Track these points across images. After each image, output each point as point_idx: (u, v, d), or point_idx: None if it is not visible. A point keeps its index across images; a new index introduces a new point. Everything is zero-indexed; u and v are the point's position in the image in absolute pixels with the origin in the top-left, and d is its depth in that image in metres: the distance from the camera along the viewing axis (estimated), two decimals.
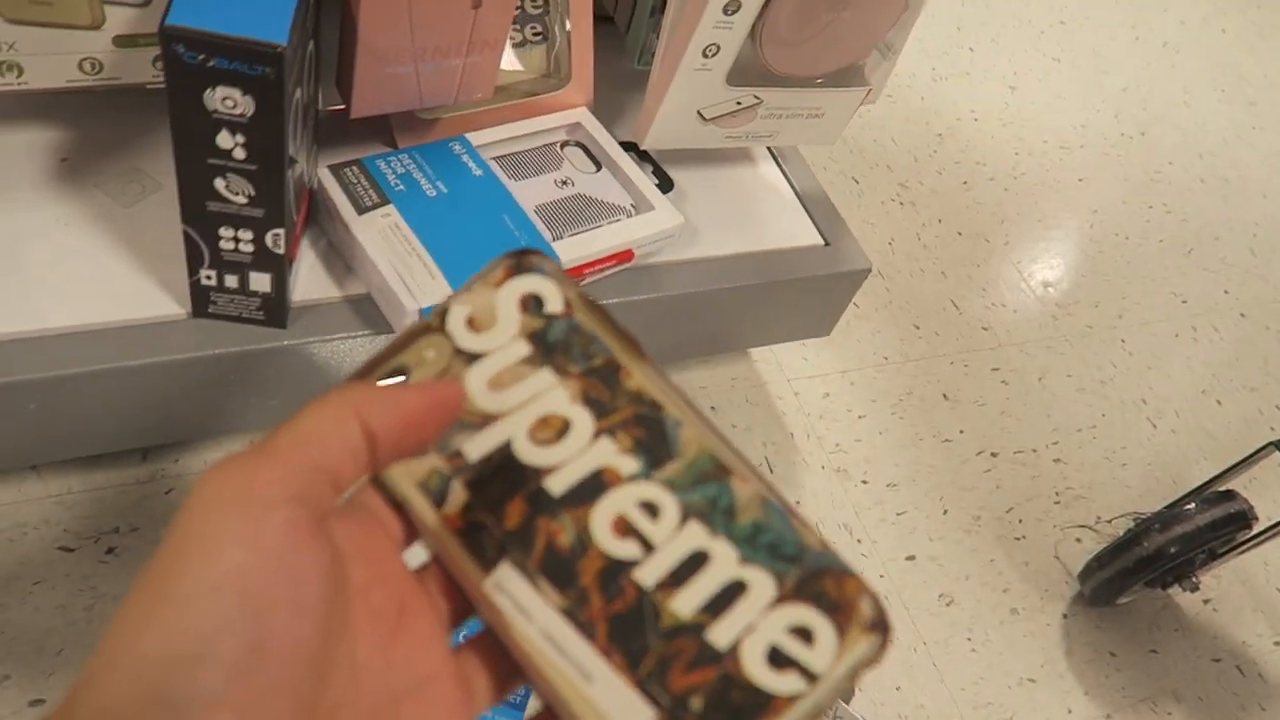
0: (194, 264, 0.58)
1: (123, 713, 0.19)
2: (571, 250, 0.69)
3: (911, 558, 0.96)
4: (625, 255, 0.73)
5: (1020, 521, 1.03)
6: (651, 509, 0.26)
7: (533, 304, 0.28)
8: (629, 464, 0.26)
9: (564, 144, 0.77)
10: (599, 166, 0.77)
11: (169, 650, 0.19)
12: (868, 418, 1.05)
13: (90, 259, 0.62)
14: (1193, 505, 0.90)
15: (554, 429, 0.27)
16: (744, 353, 1.04)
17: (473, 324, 0.28)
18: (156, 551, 0.20)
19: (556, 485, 0.26)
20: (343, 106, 0.66)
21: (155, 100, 0.67)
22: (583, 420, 0.27)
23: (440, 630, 0.26)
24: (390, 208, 0.65)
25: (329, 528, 0.22)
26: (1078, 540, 1.04)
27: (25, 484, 0.71)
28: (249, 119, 0.50)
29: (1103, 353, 1.25)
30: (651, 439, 0.27)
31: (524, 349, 0.28)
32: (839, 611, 0.24)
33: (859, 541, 0.95)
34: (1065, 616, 0.98)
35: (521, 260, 0.29)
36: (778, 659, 0.24)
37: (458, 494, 0.26)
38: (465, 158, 0.70)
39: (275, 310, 0.61)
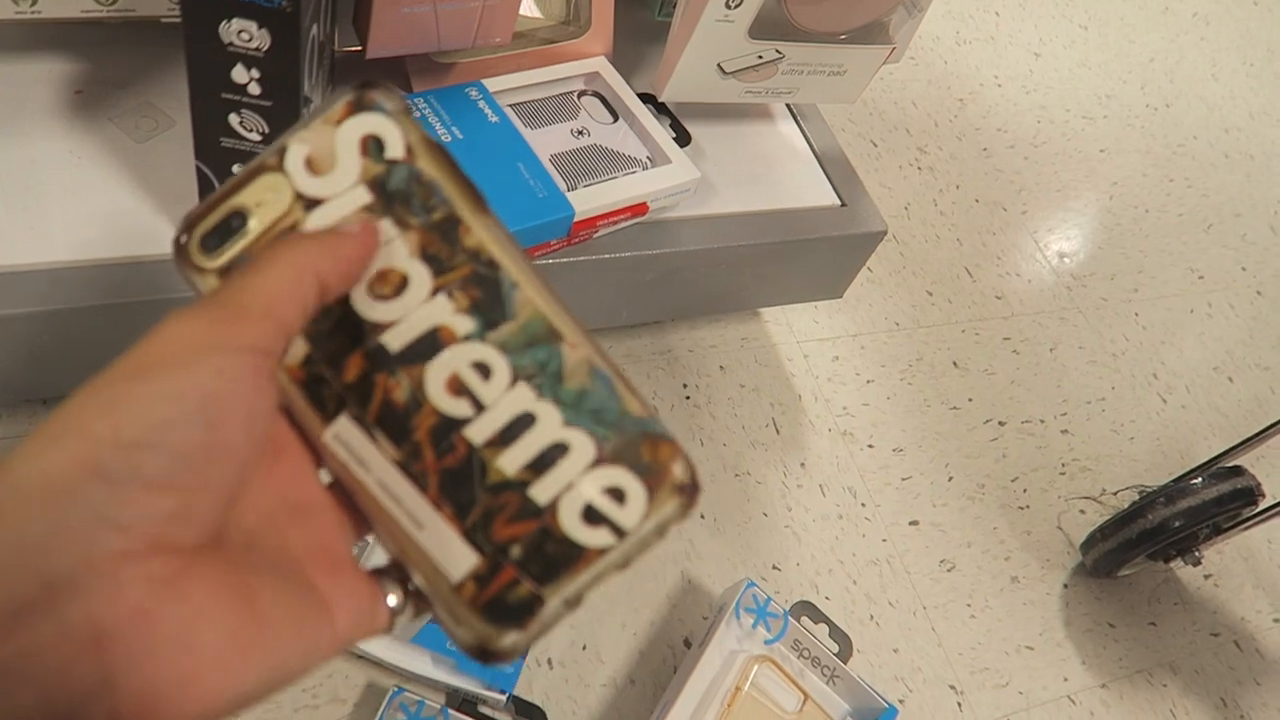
0: None
1: (60, 480, 0.20)
2: (586, 201, 0.68)
3: (915, 523, 0.96)
4: (640, 208, 0.72)
5: (1025, 491, 1.03)
6: (484, 369, 0.27)
7: (373, 146, 0.28)
8: (464, 324, 0.27)
9: (581, 94, 0.76)
10: (616, 117, 0.76)
11: (120, 434, 0.20)
12: (876, 382, 1.05)
13: (103, 193, 0.62)
14: (1199, 479, 0.90)
15: (392, 284, 0.27)
16: (755, 313, 1.03)
17: (312, 165, 0.27)
18: (115, 363, 0.21)
19: (394, 341, 0.27)
20: (358, 47, 0.65)
21: (170, 35, 0.67)
22: (421, 276, 0.27)
23: (312, 469, 0.27)
24: None
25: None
26: (1081, 512, 1.04)
27: (36, 417, 0.72)
28: (264, 53, 0.50)
29: (1116, 326, 1.24)
30: (487, 299, 0.27)
31: (364, 196, 0.27)
32: (651, 474, 0.26)
33: (863, 505, 0.95)
34: (1065, 587, 0.98)
35: (363, 96, 0.28)
36: (591, 516, 0.26)
37: (299, 347, 0.27)
38: (481, 104, 0.69)
39: None
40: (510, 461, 0.26)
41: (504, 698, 0.67)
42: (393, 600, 0.26)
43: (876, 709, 0.78)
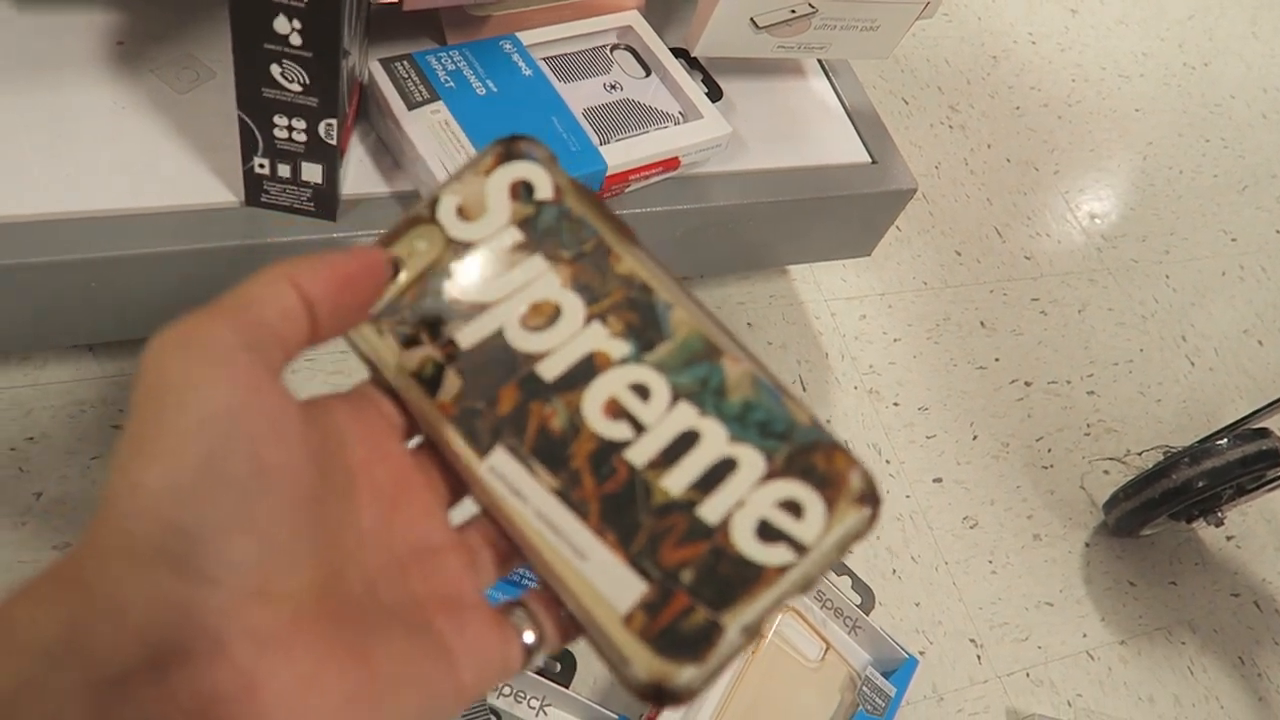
0: (248, 151, 0.59)
1: (141, 538, 0.19)
2: (617, 155, 0.69)
3: (938, 480, 0.97)
4: (671, 163, 0.73)
5: (1049, 451, 1.04)
6: (642, 391, 0.26)
7: (523, 191, 0.28)
8: (620, 347, 0.27)
9: (614, 47, 0.77)
10: (648, 72, 0.76)
11: (172, 481, 0.19)
12: (903, 341, 1.05)
13: (146, 144, 0.63)
14: (1225, 440, 0.90)
15: (545, 315, 0.27)
16: (783, 270, 1.04)
17: (463, 213, 0.28)
18: (132, 406, 0.21)
19: (548, 371, 0.27)
20: (396, 0, 0.65)
21: None
22: (573, 306, 0.27)
23: (439, 507, 0.26)
24: (440, 104, 0.65)
25: (285, 383, 0.23)
26: (1105, 472, 1.05)
27: (82, 363, 0.74)
28: (306, 4, 0.50)
29: (1146, 288, 1.24)
30: (642, 322, 0.27)
31: (515, 236, 0.28)
32: (828, 485, 0.25)
33: (888, 462, 0.96)
34: (1087, 545, 0.99)
35: (511, 147, 0.29)
36: (767, 532, 0.24)
37: (452, 382, 0.27)
38: (515, 57, 0.70)
39: (326, 202, 0.62)
40: (675, 482, 0.25)
41: None
42: (530, 637, 0.25)
43: (897, 659, 0.80)
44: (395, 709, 0.22)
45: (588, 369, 0.26)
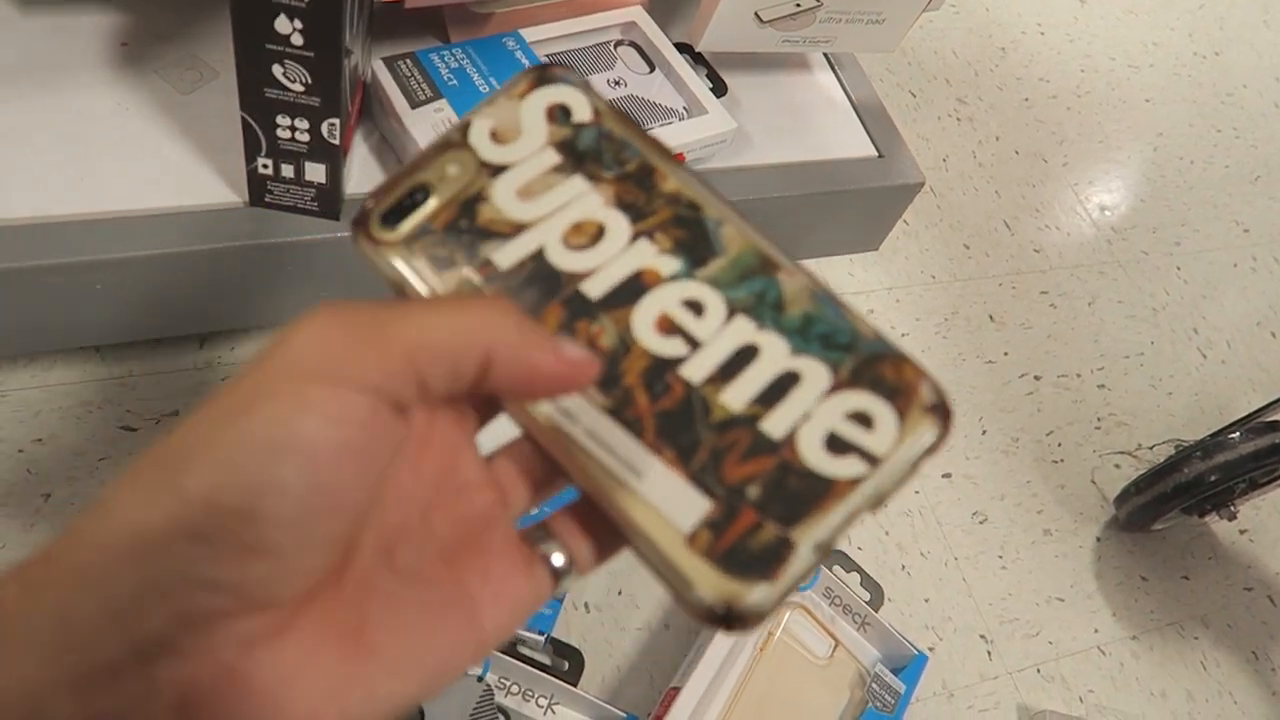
0: (251, 152, 0.59)
1: (151, 539, 0.19)
2: None
3: (948, 475, 0.96)
4: (676, 159, 0.72)
5: (1059, 445, 1.03)
6: (696, 306, 0.25)
7: (559, 114, 0.27)
8: (670, 264, 0.26)
9: (618, 43, 0.76)
10: (652, 68, 0.76)
11: (214, 499, 0.19)
12: (911, 336, 1.05)
13: (149, 145, 0.63)
14: (1237, 434, 0.90)
15: (588, 234, 0.26)
16: None
17: (497, 136, 0.27)
18: (218, 396, 0.20)
19: (594, 289, 0.25)
20: None
21: None
22: (618, 224, 0.26)
23: (467, 439, 0.25)
24: (443, 102, 0.65)
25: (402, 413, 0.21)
26: (1116, 466, 1.04)
27: (89, 364, 0.74)
28: (307, 4, 0.50)
29: (1156, 280, 1.23)
30: (692, 238, 0.26)
31: (553, 157, 0.27)
32: (898, 396, 0.23)
33: None
34: (1098, 540, 0.98)
35: (545, 72, 0.28)
36: (836, 444, 0.23)
37: None
38: (519, 54, 0.70)
39: (329, 201, 0.62)
40: (735, 397, 0.24)
41: (542, 639, 0.69)
42: (559, 560, 0.24)
43: (907, 656, 0.79)
44: (394, 686, 0.21)
45: (636, 286, 0.25)
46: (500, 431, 0.26)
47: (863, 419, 0.23)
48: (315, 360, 0.20)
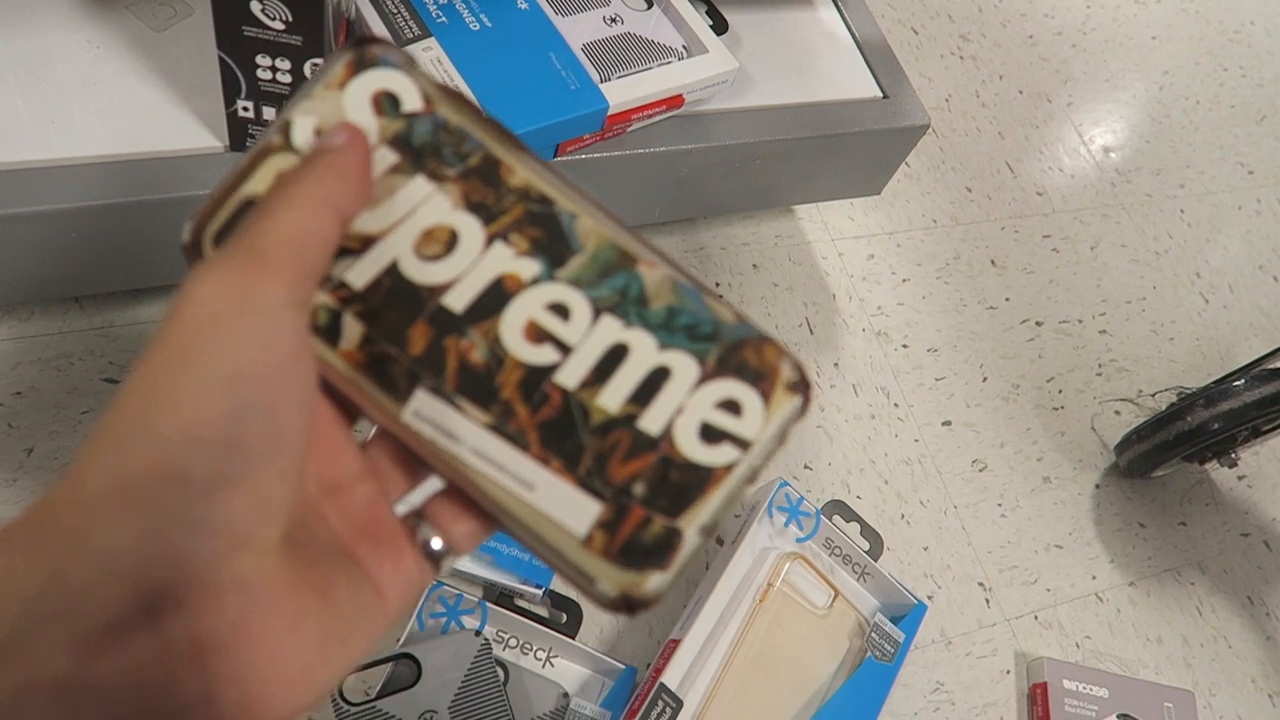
0: (230, 94, 0.56)
1: (137, 486, 0.19)
2: (619, 93, 0.66)
3: (948, 423, 0.95)
4: (675, 101, 0.69)
5: (1060, 392, 1.02)
6: (561, 310, 0.25)
7: (387, 103, 0.26)
8: (529, 267, 0.25)
9: None
10: (650, 4, 0.72)
11: (190, 433, 0.19)
12: (912, 281, 1.03)
13: (124, 86, 0.60)
14: (1241, 381, 0.89)
15: (441, 241, 0.25)
16: (789, 210, 1.01)
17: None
18: (157, 345, 0.20)
19: (457, 301, 0.25)
20: None
21: None
22: (470, 227, 0.25)
23: (345, 434, 0.26)
24: (431, 40, 0.62)
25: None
26: (1116, 413, 1.03)
27: (69, 315, 0.71)
28: None
29: (1160, 223, 1.21)
30: (548, 237, 0.25)
31: (389, 157, 0.25)
32: (762, 379, 0.25)
33: (896, 405, 0.94)
34: (1097, 487, 0.98)
35: (362, 54, 0.26)
36: (710, 434, 0.24)
37: (353, 328, 0.25)
38: None
39: None
40: (611, 398, 0.25)
41: (540, 592, 0.69)
42: (437, 544, 0.25)
43: (906, 605, 0.79)
44: (355, 645, 0.22)
45: (499, 294, 0.25)
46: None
47: (731, 406, 0.25)
48: (231, 301, 0.20)
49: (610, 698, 0.69)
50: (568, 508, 0.24)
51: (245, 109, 0.57)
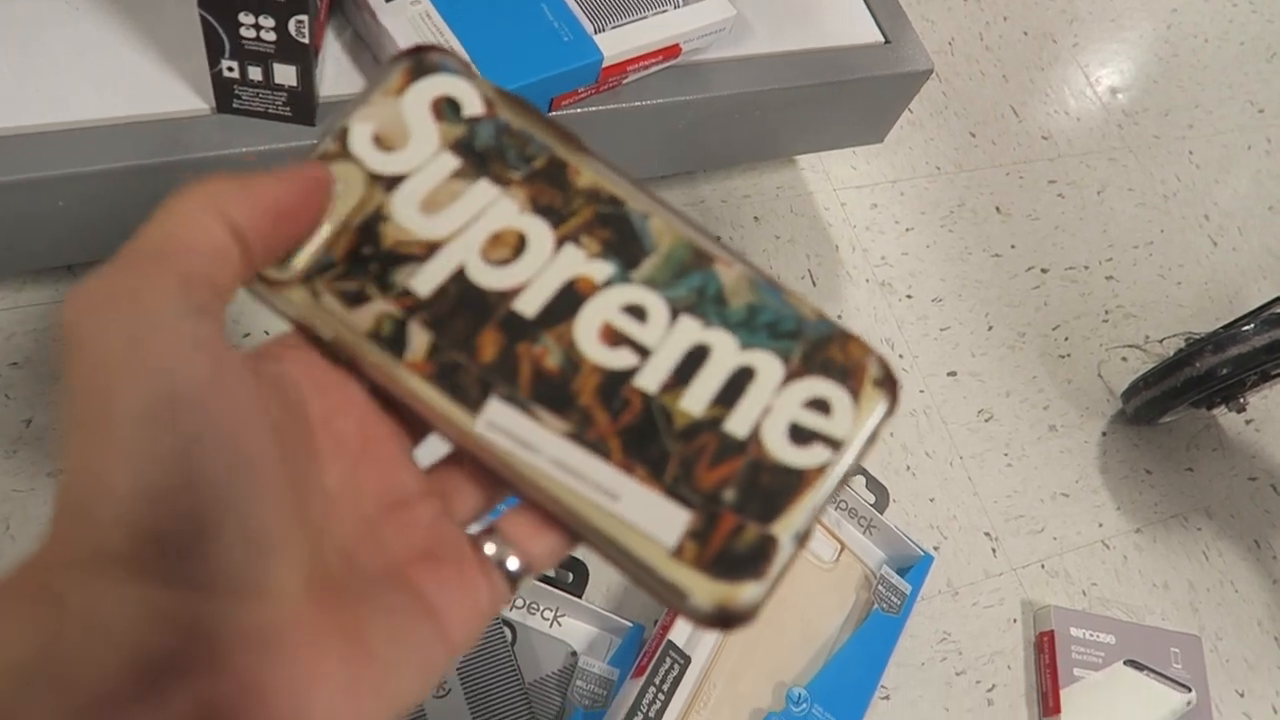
0: (214, 54, 0.54)
1: (115, 549, 0.17)
2: (614, 44, 0.64)
3: (953, 374, 0.95)
4: (672, 50, 0.68)
5: (1066, 339, 1.01)
6: (638, 312, 0.24)
7: (447, 108, 0.25)
8: (602, 269, 0.24)
9: None
10: None
11: (143, 483, 0.17)
12: (916, 230, 1.02)
13: (106, 48, 0.58)
14: (1250, 326, 0.88)
15: (509, 246, 0.24)
16: (791, 160, 0.99)
17: (381, 142, 0.25)
18: (71, 384, 0.18)
19: (528, 306, 0.24)
20: None
21: None
22: (539, 230, 0.24)
23: (404, 453, 0.24)
24: None
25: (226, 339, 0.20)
26: (1123, 359, 1.02)
27: (62, 284, 0.71)
28: None
29: (1168, 165, 1.19)
30: (620, 238, 0.25)
31: (452, 162, 0.25)
32: (849, 376, 0.24)
33: (901, 357, 0.93)
34: (1104, 434, 0.97)
35: (421, 60, 0.25)
36: (800, 435, 0.24)
37: (419, 337, 0.24)
38: None
39: (302, 105, 0.58)
40: (694, 401, 0.24)
41: None
42: (513, 564, 0.23)
43: (912, 556, 0.79)
44: (394, 689, 0.20)
45: (572, 298, 0.24)
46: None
47: (820, 405, 0.24)
48: (121, 318, 0.18)
49: (618, 655, 0.70)
50: (655, 518, 0.23)
51: (230, 69, 0.55)
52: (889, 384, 0.24)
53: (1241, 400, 0.91)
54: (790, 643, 0.73)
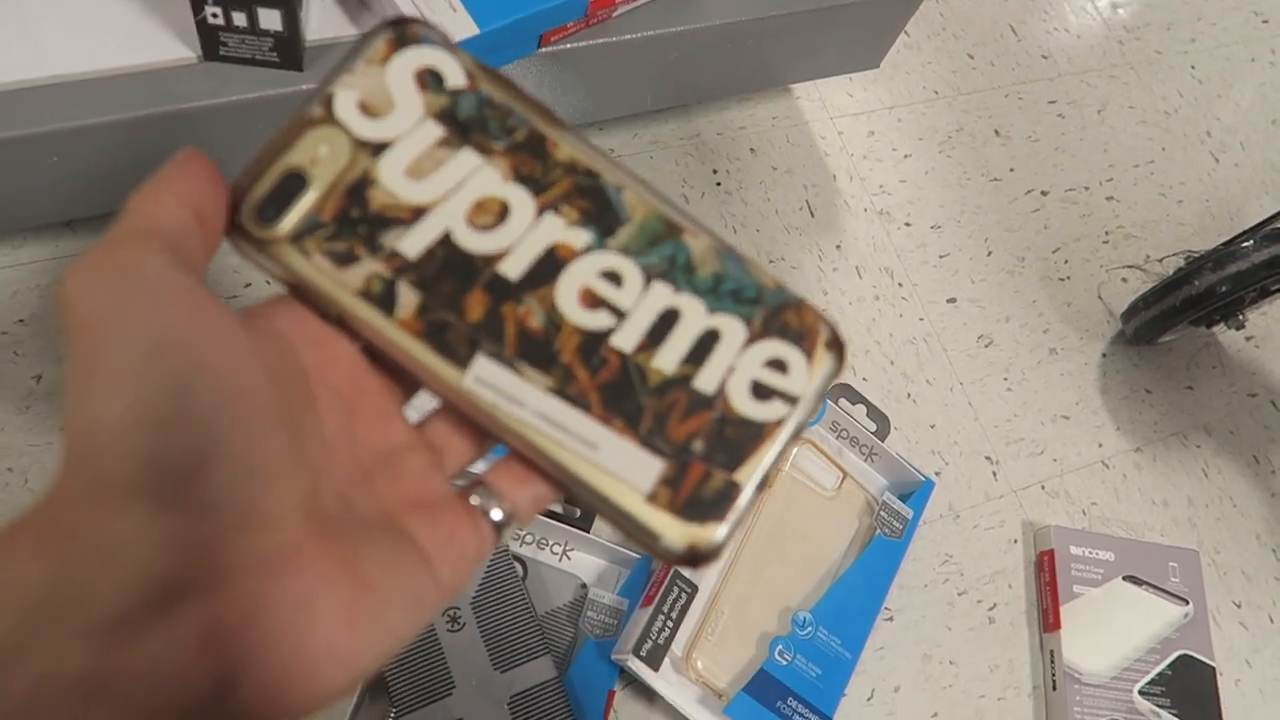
0: (198, 0, 0.54)
1: (114, 476, 0.18)
2: None
3: (952, 300, 0.95)
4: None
5: (1066, 262, 1.01)
6: (614, 277, 0.26)
7: (430, 80, 0.26)
8: (581, 236, 0.26)
9: None
10: None
11: (137, 414, 0.18)
12: (914, 157, 1.01)
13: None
14: (1250, 242, 0.87)
15: (492, 212, 0.26)
16: (786, 89, 0.98)
17: (367, 109, 0.25)
18: (68, 345, 0.19)
19: (512, 269, 0.26)
20: None
21: None
22: (521, 199, 0.26)
23: (395, 406, 0.26)
24: None
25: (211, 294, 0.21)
26: (1123, 280, 1.02)
27: (62, 240, 0.71)
28: None
29: (1169, 81, 1.17)
30: (597, 208, 0.26)
31: (436, 130, 0.26)
32: (804, 339, 0.27)
33: (900, 285, 0.94)
34: (1104, 356, 0.98)
35: (404, 31, 0.26)
36: (760, 391, 0.26)
37: (408, 296, 0.25)
38: None
39: (289, 51, 0.58)
40: (666, 360, 0.26)
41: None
42: (497, 514, 0.25)
43: (913, 482, 0.80)
44: (390, 620, 0.21)
45: (553, 262, 0.26)
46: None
47: (778, 365, 0.26)
48: (110, 278, 0.19)
49: (627, 586, 0.71)
50: (632, 466, 0.25)
51: (214, 15, 0.55)
52: (837, 346, 0.27)
53: (1241, 317, 0.91)
54: (795, 569, 0.75)
